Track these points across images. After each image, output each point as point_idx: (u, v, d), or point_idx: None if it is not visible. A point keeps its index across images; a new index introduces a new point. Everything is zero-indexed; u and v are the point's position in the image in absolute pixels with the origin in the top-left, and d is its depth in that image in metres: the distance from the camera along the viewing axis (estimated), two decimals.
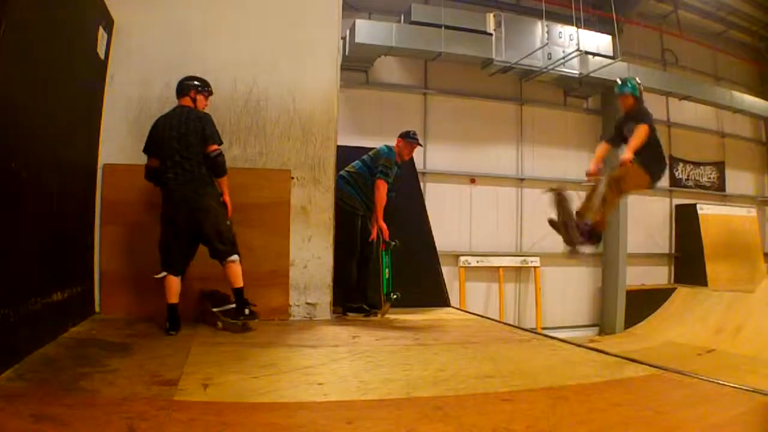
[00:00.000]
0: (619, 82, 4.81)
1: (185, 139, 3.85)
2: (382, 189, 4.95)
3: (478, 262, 10.94)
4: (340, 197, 4.94)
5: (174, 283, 3.83)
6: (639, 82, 4.80)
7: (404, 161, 5.30)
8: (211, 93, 4.15)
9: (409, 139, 5.21)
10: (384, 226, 4.97)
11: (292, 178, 4.65)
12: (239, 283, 3.91)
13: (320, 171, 4.73)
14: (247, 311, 3.91)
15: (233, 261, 3.91)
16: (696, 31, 12.82)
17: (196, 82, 4.06)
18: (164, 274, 3.82)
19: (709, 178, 13.34)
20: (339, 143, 4.96)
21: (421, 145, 5.32)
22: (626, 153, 4.35)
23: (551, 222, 4.67)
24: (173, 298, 3.82)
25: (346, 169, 5.13)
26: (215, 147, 3.89)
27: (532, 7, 11.02)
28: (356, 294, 5.00)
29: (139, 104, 4.43)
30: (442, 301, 5.70)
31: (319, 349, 3.55)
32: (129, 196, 4.32)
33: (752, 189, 14.07)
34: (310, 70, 4.71)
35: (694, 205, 12.27)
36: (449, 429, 2.20)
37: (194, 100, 4.03)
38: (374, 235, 4.99)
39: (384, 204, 4.97)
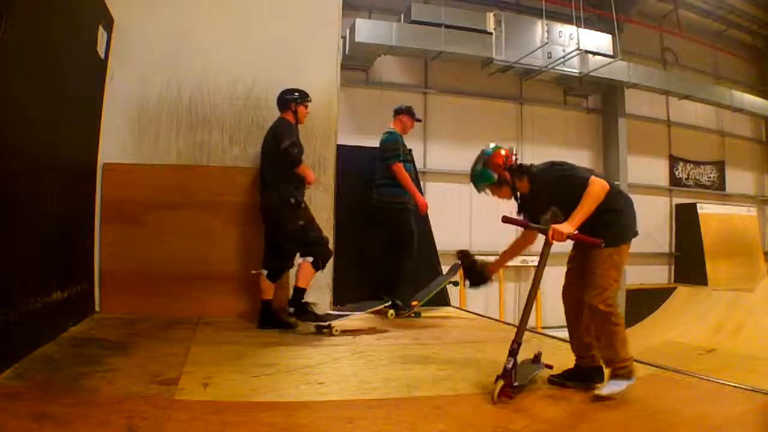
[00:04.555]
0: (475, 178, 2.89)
1: (264, 152, 4.21)
2: (400, 171, 4.99)
3: None
4: (386, 201, 5.00)
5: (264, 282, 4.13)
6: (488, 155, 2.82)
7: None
8: (310, 100, 4.27)
9: (410, 114, 5.26)
10: (423, 200, 4.99)
11: None
12: (299, 283, 4.07)
13: (320, 170, 4.73)
14: (291, 309, 4.06)
15: (303, 261, 4.07)
16: (696, 30, 12.81)
17: (295, 95, 4.19)
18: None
19: (709, 177, 13.34)
20: (339, 142, 4.97)
21: (419, 120, 5.49)
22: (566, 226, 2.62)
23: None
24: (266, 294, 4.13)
25: (376, 181, 5.14)
26: (284, 142, 4.00)
27: (532, 6, 11.01)
28: (409, 292, 5.08)
29: (139, 104, 4.43)
30: (442, 300, 5.69)
31: (319, 349, 3.55)
32: (129, 195, 4.31)
33: (752, 188, 14.06)
34: (310, 69, 4.71)
35: (694, 205, 12.26)
36: (449, 428, 2.21)
37: (295, 113, 4.19)
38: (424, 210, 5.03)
39: (411, 181, 5.00)
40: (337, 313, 4.27)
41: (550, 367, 2.87)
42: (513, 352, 2.50)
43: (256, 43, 4.63)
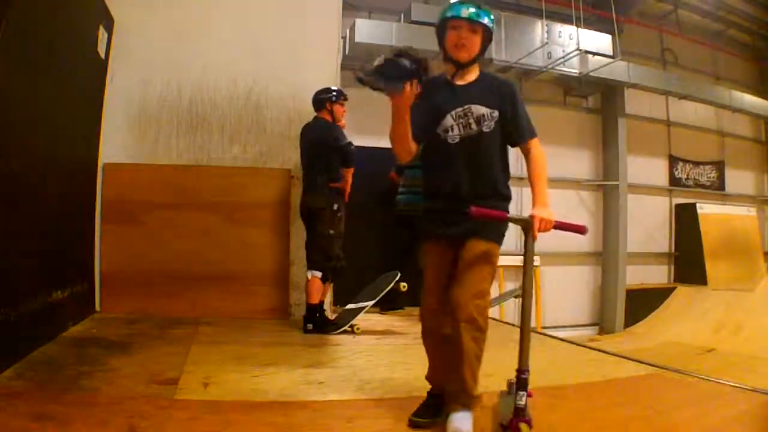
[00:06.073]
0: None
1: (309, 154, 4.20)
2: None
3: None
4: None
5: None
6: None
7: None
8: (346, 98, 4.30)
9: None
10: None
11: (292, 177, 4.65)
12: (310, 299, 4.03)
13: None
14: (310, 326, 3.99)
15: (311, 276, 4.03)
16: (696, 31, 12.80)
17: (330, 94, 4.23)
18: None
19: (709, 177, 13.32)
20: None
21: None
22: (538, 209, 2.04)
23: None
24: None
25: (410, 189, 5.04)
26: (341, 140, 4.13)
27: (531, 6, 11.00)
28: None
29: (140, 103, 4.44)
30: None
31: (319, 349, 3.56)
32: (129, 195, 4.32)
33: (752, 188, 14.05)
34: (310, 69, 4.71)
35: (694, 205, 12.24)
36: None
37: (331, 112, 4.21)
38: None
39: None
40: (353, 306, 4.24)
41: (529, 395, 2.63)
42: (523, 384, 2.00)
43: (256, 43, 4.63)
